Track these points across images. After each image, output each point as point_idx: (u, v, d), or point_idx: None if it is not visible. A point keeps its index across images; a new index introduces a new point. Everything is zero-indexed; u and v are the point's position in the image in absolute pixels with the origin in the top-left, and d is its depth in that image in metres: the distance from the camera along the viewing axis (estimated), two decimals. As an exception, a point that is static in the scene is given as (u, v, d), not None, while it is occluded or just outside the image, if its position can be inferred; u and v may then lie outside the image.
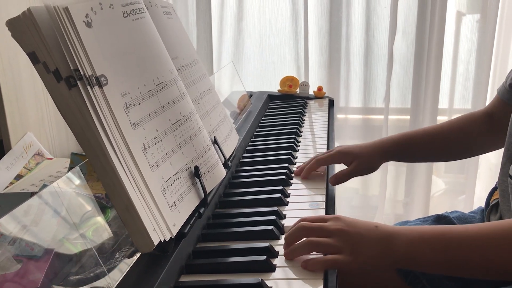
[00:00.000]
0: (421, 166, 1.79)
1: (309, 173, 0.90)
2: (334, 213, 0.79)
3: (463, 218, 0.93)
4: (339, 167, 0.94)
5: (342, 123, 1.85)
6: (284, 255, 0.64)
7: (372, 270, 0.62)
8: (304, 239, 0.63)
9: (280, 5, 1.79)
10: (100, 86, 0.54)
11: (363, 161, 0.91)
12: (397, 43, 1.73)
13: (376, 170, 0.93)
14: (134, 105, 0.59)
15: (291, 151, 1.03)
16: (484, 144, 0.96)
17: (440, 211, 0.97)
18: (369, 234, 0.61)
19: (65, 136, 1.26)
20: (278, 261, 0.63)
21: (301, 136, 1.18)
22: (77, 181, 0.64)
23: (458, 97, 1.80)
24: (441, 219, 0.93)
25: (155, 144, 0.61)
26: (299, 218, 0.68)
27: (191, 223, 0.65)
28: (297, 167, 0.94)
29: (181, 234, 0.62)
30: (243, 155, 1.05)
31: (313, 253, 0.63)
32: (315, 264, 0.60)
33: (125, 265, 0.57)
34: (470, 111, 1.75)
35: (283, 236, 0.70)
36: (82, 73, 0.52)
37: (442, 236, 0.60)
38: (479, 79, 1.72)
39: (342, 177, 0.89)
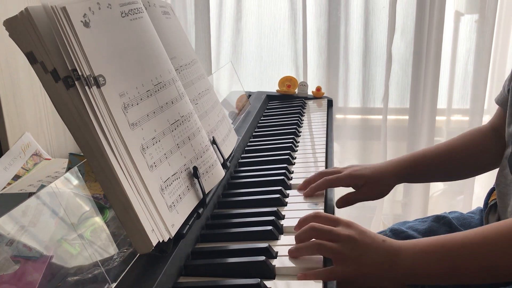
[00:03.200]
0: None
1: (315, 192, 0.82)
2: (333, 214, 0.79)
3: (462, 219, 0.93)
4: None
5: (340, 123, 1.85)
6: (289, 252, 0.64)
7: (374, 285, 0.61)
8: (312, 240, 0.63)
9: (278, 5, 1.79)
10: (98, 86, 0.54)
11: (374, 186, 0.85)
12: (396, 43, 1.73)
13: (386, 195, 0.87)
14: (132, 105, 0.59)
15: (290, 152, 1.03)
16: (495, 159, 0.88)
17: (438, 211, 0.97)
18: (376, 246, 0.61)
19: (63, 137, 1.26)
20: (277, 262, 0.63)
21: (300, 136, 1.18)
22: (75, 182, 0.64)
23: (456, 97, 1.80)
24: (440, 219, 0.92)
25: (154, 144, 0.61)
26: (313, 212, 0.68)
27: (189, 223, 0.64)
28: (303, 181, 0.86)
29: (179, 235, 0.61)
30: (242, 155, 1.05)
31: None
32: (315, 275, 0.60)
33: (123, 266, 0.57)
34: (468, 111, 1.76)
35: (282, 237, 0.70)
36: (80, 73, 0.52)
37: (441, 247, 0.60)
38: (477, 79, 1.72)
39: (349, 201, 0.85)
